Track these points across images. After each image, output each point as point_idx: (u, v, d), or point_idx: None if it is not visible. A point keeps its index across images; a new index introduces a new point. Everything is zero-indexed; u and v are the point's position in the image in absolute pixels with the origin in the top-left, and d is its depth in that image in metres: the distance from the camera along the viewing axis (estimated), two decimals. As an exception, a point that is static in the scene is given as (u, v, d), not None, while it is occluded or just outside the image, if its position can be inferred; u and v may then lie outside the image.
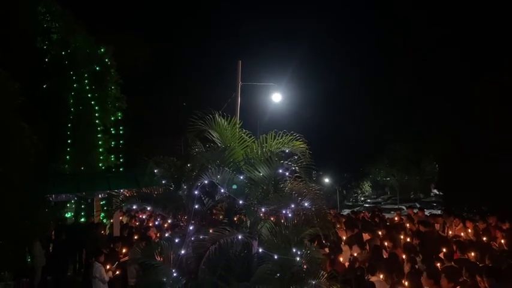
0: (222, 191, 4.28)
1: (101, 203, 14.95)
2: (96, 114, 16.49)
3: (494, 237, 9.42)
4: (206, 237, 4.23)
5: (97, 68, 16.98)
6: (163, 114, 28.23)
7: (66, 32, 16.34)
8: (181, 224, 4.98)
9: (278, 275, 4.15)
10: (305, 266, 4.53)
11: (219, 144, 4.82)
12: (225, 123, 4.81)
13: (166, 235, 5.22)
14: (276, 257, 4.16)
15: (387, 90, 39.88)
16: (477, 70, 26.00)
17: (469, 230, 10.44)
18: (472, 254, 7.79)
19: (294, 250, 4.35)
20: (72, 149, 15.79)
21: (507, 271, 5.53)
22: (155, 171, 4.92)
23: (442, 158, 29.44)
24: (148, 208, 6.86)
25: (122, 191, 11.38)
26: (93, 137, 16.30)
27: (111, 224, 13.38)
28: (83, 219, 14.99)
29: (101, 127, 16.74)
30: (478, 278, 5.42)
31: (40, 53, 15.77)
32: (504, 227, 10.08)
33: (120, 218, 14.76)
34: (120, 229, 13.01)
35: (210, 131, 4.86)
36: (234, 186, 4.24)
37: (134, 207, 7.37)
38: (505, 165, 19.54)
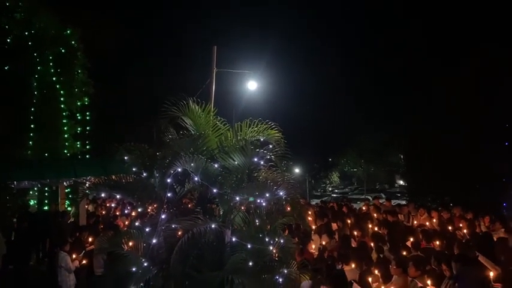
0: (196, 179, 4.19)
1: (66, 190, 14.47)
2: (62, 99, 15.84)
3: (458, 227, 9.78)
4: (178, 226, 4.14)
5: (63, 51, 16.26)
6: (134, 100, 27.54)
7: (30, 11, 15.52)
8: (152, 212, 4.86)
9: (251, 264, 4.12)
10: (277, 255, 4.54)
11: (193, 132, 4.70)
12: (199, 110, 4.70)
13: (136, 224, 5.08)
14: (249, 246, 4.12)
15: (358, 84, 40.59)
16: (440, 65, 26.87)
17: (434, 220, 10.79)
18: (437, 243, 8.05)
19: (267, 239, 4.33)
20: (36, 134, 15.12)
21: (474, 259, 5.75)
22: (125, 158, 4.76)
23: (407, 150, 30.39)
24: (118, 196, 6.66)
25: (88, 178, 11.04)
26: (58, 122, 15.67)
27: (77, 213, 13.00)
28: (46, 207, 14.47)
29: (67, 112, 16.11)
30: (444, 267, 5.61)
31: (2, 33, 14.92)
32: (468, 217, 10.49)
33: (87, 206, 14.35)
34: (86, 218, 12.66)
35: (183, 117, 4.73)
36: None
37: (102, 195, 7.17)
38: (466, 157, 20.35)
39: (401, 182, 42.47)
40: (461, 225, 9.80)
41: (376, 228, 9.98)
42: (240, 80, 8.55)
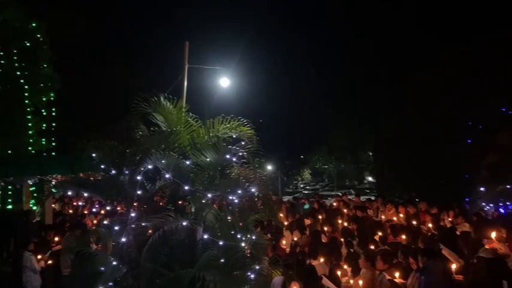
0: (167, 176, 4.14)
1: (31, 189, 13.98)
2: (26, 94, 15.25)
3: (423, 222, 10.12)
4: (148, 224, 4.08)
5: (27, 44, 15.65)
6: (103, 96, 26.83)
7: (-8, 4, 14.85)
8: (122, 211, 4.77)
9: (222, 260, 4.12)
10: (249, 252, 4.55)
11: (164, 128, 4.64)
12: (171, 106, 4.63)
13: (105, 222, 4.97)
14: (221, 243, 4.12)
15: (330, 81, 41.19)
16: (409, 65, 27.65)
17: (401, 215, 11.11)
18: (404, 237, 8.30)
19: (239, 236, 4.34)
20: (-1, 130, 14.51)
21: (439, 252, 5.97)
22: (93, 155, 4.64)
23: (376, 148, 31.17)
24: (85, 194, 6.51)
25: (55, 176, 10.70)
26: (23, 118, 15.08)
27: (43, 212, 12.58)
28: (10, 207, 13.92)
29: (31, 108, 15.51)
30: (411, 260, 5.80)
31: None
32: (433, 212, 10.86)
33: (53, 205, 13.91)
34: (52, 217, 12.28)
35: (154, 114, 4.65)
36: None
37: (69, 193, 6.97)
38: (432, 154, 21.04)
39: (370, 179, 43.48)
40: (426, 220, 10.14)
41: (345, 224, 10.19)
42: (212, 77, 8.50)
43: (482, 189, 19.30)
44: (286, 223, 10.74)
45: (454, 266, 5.63)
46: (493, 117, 19.63)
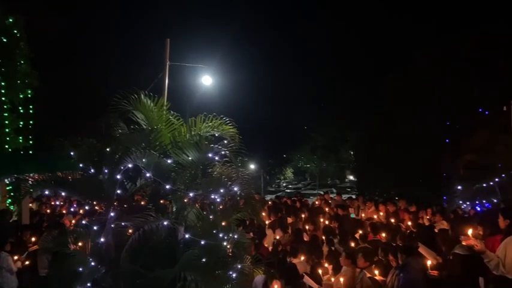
0: (148, 175, 4.08)
1: (8, 188, 13.61)
2: (3, 91, 14.83)
3: (402, 220, 10.29)
4: (128, 223, 4.02)
5: (4, 40, 15.21)
6: (82, 93, 26.30)
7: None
8: (101, 210, 4.69)
9: (204, 260, 4.09)
10: (230, 251, 4.54)
11: (145, 127, 4.56)
12: (152, 104, 4.56)
13: (84, 222, 4.88)
14: (202, 242, 4.09)
15: (312, 80, 41.46)
16: (387, 66, 28.15)
17: (381, 213, 11.27)
18: (383, 235, 8.42)
19: (221, 235, 4.32)
20: (-27, 128, 14.10)
21: (417, 250, 6.08)
22: (71, 153, 4.54)
23: (356, 147, 31.59)
24: (63, 194, 6.36)
25: (32, 175, 10.43)
26: (-1, 115, 14.68)
27: (19, 211, 12.28)
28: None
29: (8, 105, 15.10)
30: (391, 257, 5.88)
31: None
32: (412, 210, 11.05)
33: (30, 204, 13.59)
34: (29, 216, 11.99)
35: (134, 112, 4.56)
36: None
37: (47, 192, 6.81)
38: (411, 153, 21.42)
39: (351, 177, 43.97)
40: (405, 217, 10.31)
41: (327, 222, 10.27)
42: (194, 75, 8.43)
43: (459, 187, 19.74)
44: (268, 222, 10.76)
45: (429, 262, 5.73)
46: (470, 117, 20.10)
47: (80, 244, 4.32)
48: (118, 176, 4.08)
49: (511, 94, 18.21)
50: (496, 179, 17.81)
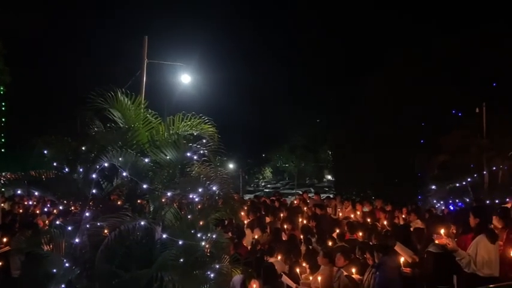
0: (124, 174, 4.01)
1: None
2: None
3: (378, 219, 10.46)
4: (104, 224, 3.94)
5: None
6: (57, 90, 25.62)
7: None
8: (76, 210, 4.58)
9: (182, 260, 4.06)
10: (208, 250, 4.51)
11: (122, 125, 4.49)
12: (129, 102, 4.49)
13: (58, 222, 4.76)
14: (180, 242, 4.05)
15: (292, 79, 41.72)
16: (365, 67, 28.63)
17: (358, 212, 11.43)
18: (360, 234, 8.54)
19: (199, 235, 4.29)
20: None
21: (393, 248, 6.19)
22: (45, 152, 4.43)
23: (335, 147, 31.99)
24: (37, 193, 6.18)
25: (4, 174, 10.11)
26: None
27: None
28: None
29: (-21, 102, 14.64)
30: (367, 256, 5.97)
31: None
32: (387, 209, 11.25)
33: (2, 204, 13.16)
34: (1, 216, 11.62)
35: (111, 110, 4.48)
36: None
37: (19, 192, 6.61)
38: (387, 153, 21.84)
39: (329, 177, 44.42)
40: (381, 217, 10.50)
41: (305, 221, 10.34)
42: (173, 73, 8.34)
43: (433, 187, 20.24)
44: (246, 221, 10.76)
45: (402, 260, 5.85)
46: (444, 118, 20.64)
47: (53, 245, 4.21)
48: (93, 175, 4.01)
49: (484, 96, 18.83)
50: (469, 179, 18.35)
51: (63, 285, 3.80)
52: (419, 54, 21.78)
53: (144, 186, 4.09)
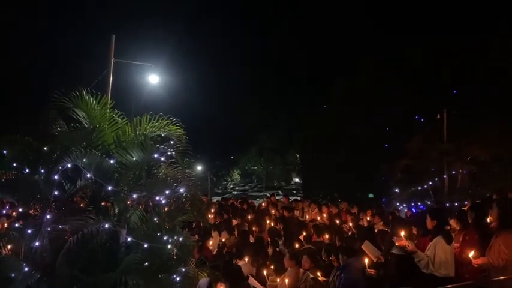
0: (88, 176, 3.91)
1: None
2: None
3: (344, 221, 10.67)
4: (66, 226, 3.82)
5: None
6: (17, 88, 24.60)
7: None
8: (36, 212, 4.42)
9: (147, 263, 3.99)
10: (175, 253, 4.46)
11: (86, 125, 4.38)
12: (94, 102, 4.38)
13: (17, 225, 4.58)
14: (145, 245, 3.99)
15: (261, 82, 41.95)
16: (333, 73, 29.26)
17: (324, 215, 11.61)
18: (326, 236, 8.68)
19: (166, 238, 4.24)
20: None
21: (358, 250, 6.34)
22: (4, 152, 4.25)
23: (302, 150, 32.45)
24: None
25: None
26: None
27: None
28: None
29: None
30: (333, 257, 6.08)
31: None
32: (353, 211, 11.50)
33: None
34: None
35: (75, 109, 4.36)
36: None
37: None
38: (353, 157, 22.36)
39: (297, 180, 44.91)
40: (347, 219, 10.72)
41: (272, 224, 10.40)
42: (140, 73, 8.20)
43: (397, 190, 20.88)
44: (215, 223, 10.71)
45: (366, 261, 5.99)
46: (408, 123, 21.36)
47: (12, 248, 4.04)
48: (55, 177, 3.88)
49: (445, 103, 19.64)
50: (430, 183, 19.06)
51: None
52: (382, 62, 22.47)
53: (109, 188, 4.00)
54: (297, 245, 7.90)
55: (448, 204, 13.87)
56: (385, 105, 21.23)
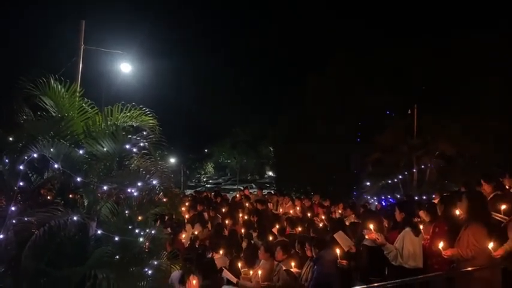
0: (56, 166, 3.75)
1: None
2: None
3: (317, 214, 10.79)
4: (32, 219, 3.67)
5: None
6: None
7: None
8: (0, 204, 4.23)
9: (117, 257, 3.89)
10: (147, 247, 4.38)
11: (54, 114, 4.20)
12: (63, 89, 4.21)
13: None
14: (116, 238, 3.88)
15: (236, 75, 41.81)
16: (309, 67, 29.54)
17: (297, 208, 11.71)
18: (300, 228, 8.75)
19: (137, 231, 4.14)
20: None
21: (330, 242, 6.41)
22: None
23: (276, 144, 32.63)
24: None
25: None
26: None
27: None
28: None
29: None
30: (307, 246, 6.12)
31: None
32: (325, 204, 11.65)
33: None
34: None
35: (42, 97, 4.18)
36: None
37: None
38: (325, 151, 22.65)
39: (270, 173, 45.15)
40: (319, 212, 10.85)
41: (246, 217, 10.41)
42: (112, 61, 7.96)
43: (368, 183, 21.32)
44: (187, 216, 10.61)
45: (338, 252, 6.08)
46: (379, 118, 21.79)
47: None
48: (21, 167, 3.71)
49: (415, 98, 20.16)
50: (400, 176, 19.57)
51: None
52: (355, 58, 22.79)
53: (78, 179, 3.86)
54: (270, 238, 7.93)
55: (416, 198, 14.28)
56: (358, 100, 21.58)
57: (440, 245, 4.85)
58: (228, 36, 48.80)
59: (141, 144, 4.29)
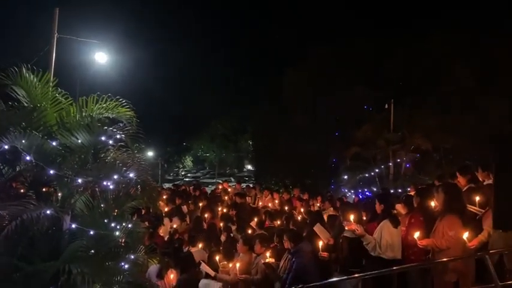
0: (28, 158, 3.63)
1: None
2: None
3: (295, 207, 10.86)
4: (4, 212, 3.55)
5: None
6: None
7: None
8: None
9: (93, 251, 3.81)
10: (123, 241, 4.30)
11: (26, 104, 4.05)
12: (35, 79, 4.06)
13: None
14: (91, 232, 3.79)
15: (215, 67, 41.56)
16: (288, 62, 29.64)
17: (276, 201, 11.77)
18: (278, 222, 8.79)
19: (113, 224, 4.05)
20: None
21: (307, 235, 6.46)
22: None
23: (255, 137, 32.69)
24: None
25: None
26: None
27: None
28: None
29: None
30: (285, 238, 6.16)
31: None
32: (304, 198, 11.74)
33: None
34: None
35: (14, 87, 4.02)
36: None
37: None
38: (304, 144, 22.83)
39: (249, 167, 45.20)
40: (298, 205, 10.92)
41: (225, 210, 10.39)
42: (87, 51, 7.74)
43: (345, 177, 21.63)
44: (166, 209, 10.52)
45: (320, 244, 6.14)
46: (357, 112, 22.08)
47: None
48: (-9, 159, 3.58)
49: (393, 93, 20.50)
50: (376, 170, 19.93)
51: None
52: (333, 53, 22.97)
53: (52, 172, 3.74)
54: (249, 231, 7.93)
55: (392, 191, 14.56)
56: (336, 95, 21.78)
57: (416, 234, 4.95)
58: (210, 28, 48.28)
59: (118, 136, 4.18)
